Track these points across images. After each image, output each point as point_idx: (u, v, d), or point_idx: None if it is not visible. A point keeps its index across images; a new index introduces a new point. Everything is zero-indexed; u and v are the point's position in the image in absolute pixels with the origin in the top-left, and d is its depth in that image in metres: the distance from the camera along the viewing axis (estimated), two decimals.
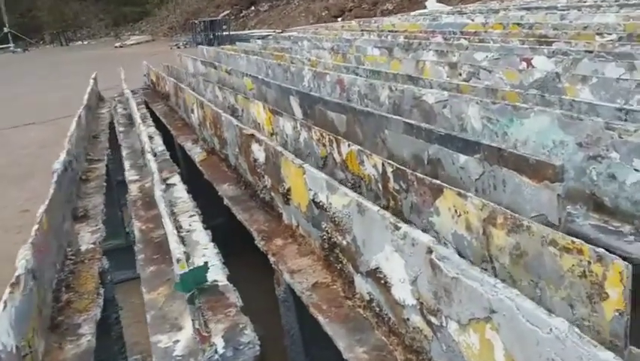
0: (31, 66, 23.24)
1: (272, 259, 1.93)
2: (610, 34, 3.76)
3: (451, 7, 8.01)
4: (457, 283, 1.10)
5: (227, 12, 29.95)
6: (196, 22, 24.88)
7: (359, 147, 2.10)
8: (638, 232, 1.70)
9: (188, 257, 1.53)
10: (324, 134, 2.38)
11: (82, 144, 3.56)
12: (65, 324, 1.70)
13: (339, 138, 2.26)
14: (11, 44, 31.21)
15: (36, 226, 1.68)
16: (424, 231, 1.75)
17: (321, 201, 1.74)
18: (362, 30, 6.97)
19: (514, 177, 1.75)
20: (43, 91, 14.65)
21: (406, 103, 2.93)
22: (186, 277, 1.41)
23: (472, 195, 1.48)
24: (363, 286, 1.53)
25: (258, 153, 2.36)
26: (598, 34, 3.84)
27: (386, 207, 1.98)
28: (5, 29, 30.95)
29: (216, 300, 1.71)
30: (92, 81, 5.39)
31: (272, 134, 3.14)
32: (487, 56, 3.64)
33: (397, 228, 1.30)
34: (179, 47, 23.08)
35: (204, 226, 2.29)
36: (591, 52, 3.16)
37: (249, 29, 26.23)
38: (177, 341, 1.58)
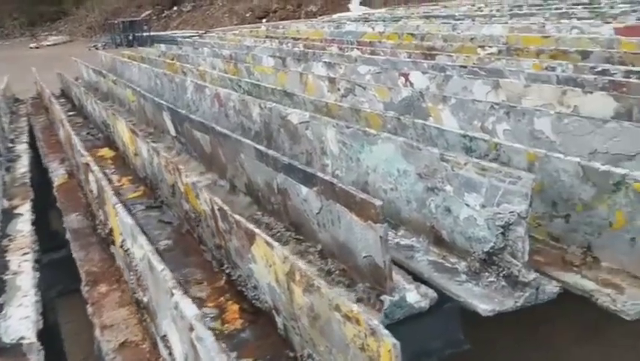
0: None
1: (89, 310, 1.73)
2: (491, 47, 3.76)
3: (361, 14, 7.99)
4: None
5: (149, 12, 29.00)
6: (115, 22, 23.92)
7: (195, 179, 1.93)
8: (471, 270, 1.61)
9: None
10: (169, 161, 2.19)
11: None
12: None
13: (180, 167, 2.07)
14: None
15: None
16: (247, 278, 1.61)
17: (128, 249, 1.55)
18: (266, 36, 6.81)
19: (346, 214, 1.63)
20: None
21: (274, 122, 2.78)
22: None
23: (278, 246, 1.34)
24: (163, 351, 1.36)
25: (93, 184, 2.14)
26: (480, 46, 3.84)
27: (219, 247, 1.82)
28: None
29: None
30: None
31: (135, 155, 2.92)
32: (370, 70, 3.56)
33: (172, 294, 1.13)
34: (97, 49, 22.09)
35: (36, 266, 2.06)
36: (465, 67, 3.13)
37: (172, 30, 25.52)
38: None
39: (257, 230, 1.44)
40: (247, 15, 25.01)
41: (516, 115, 2.18)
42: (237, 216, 1.54)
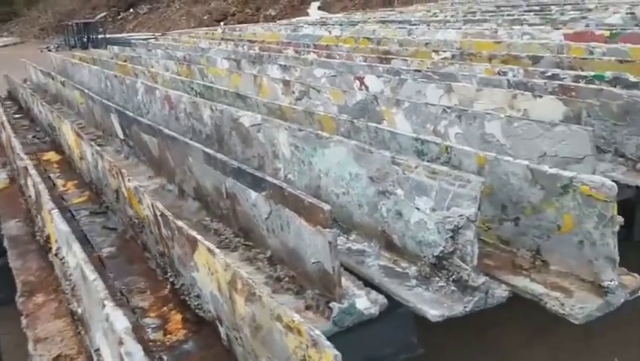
0: None
1: (23, 322, 1.63)
2: (445, 51, 3.79)
3: (318, 18, 7.97)
4: None
5: (104, 14, 28.39)
6: (69, 24, 23.33)
7: (137, 183, 1.85)
8: (421, 274, 1.59)
9: None
10: (112, 165, 2.10)
11: None
12: None
13: (123, 171, 1.99)
14: None
15: None
16: (191, 286, 1.54)
17: (63, 258, 1.47)
18: (222, 39, 6.72)
19: (295, 218, 1.58)
20: None
21: (225, 125, 2.71)
22: None
23: (219, 253, 1.28)
24: None
25: (31, 188, 2.03)
26: (435, 51, 3.86)
27: (163, 254, 1.74)
28: None
29: None
30: None
31: (81, 159, 2.81)
32: (325, 73, 3.52)
33: (103, 306, 1.06)
34: (50, 50, 21.47)
35: None
36: (420, 71, 3.13)
37: (128, 32, 25.01)
38: None
39: (199, 237, 1.38)
40: (205, 18, 24.72)
41: (467, 119, 2.17)
42: (179, 222, 1.48)
